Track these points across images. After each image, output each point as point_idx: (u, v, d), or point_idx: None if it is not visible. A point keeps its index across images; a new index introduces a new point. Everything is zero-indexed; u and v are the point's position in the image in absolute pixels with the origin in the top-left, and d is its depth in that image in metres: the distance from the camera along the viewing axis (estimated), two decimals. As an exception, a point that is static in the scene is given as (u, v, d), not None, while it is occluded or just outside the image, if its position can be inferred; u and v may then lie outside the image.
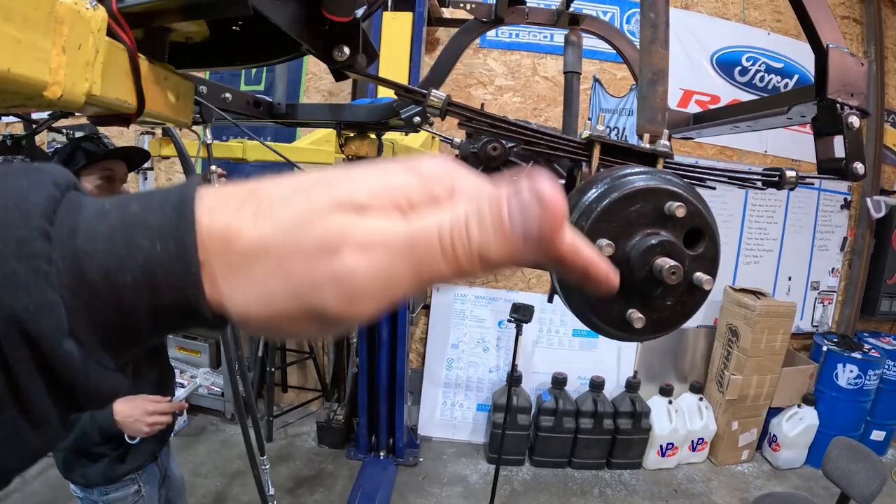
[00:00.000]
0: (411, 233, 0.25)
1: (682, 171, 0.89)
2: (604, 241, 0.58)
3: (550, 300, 0.75)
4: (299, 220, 0.25)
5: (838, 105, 0.94)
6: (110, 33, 0.64)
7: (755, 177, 1.02)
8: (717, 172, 0.97)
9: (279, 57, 0.89)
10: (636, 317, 0.60)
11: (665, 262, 0.57)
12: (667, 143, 0.83)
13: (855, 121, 0.93)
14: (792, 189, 1.04)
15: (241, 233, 0.25)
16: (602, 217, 0.60)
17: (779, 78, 4.04)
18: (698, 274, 0.64)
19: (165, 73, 0.78)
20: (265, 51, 0.88)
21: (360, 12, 0.74)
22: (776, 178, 1.02)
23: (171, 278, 0.25)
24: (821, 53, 0.93)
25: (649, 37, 0.95)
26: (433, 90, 0.74)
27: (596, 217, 0.60)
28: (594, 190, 0.63)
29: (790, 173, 1.01)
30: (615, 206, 0.60)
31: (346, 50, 0.73)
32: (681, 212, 0.61)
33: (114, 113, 0.71)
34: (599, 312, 0.62)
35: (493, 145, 1.09)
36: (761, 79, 4.01)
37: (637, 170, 0.68)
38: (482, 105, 1.62)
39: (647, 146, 0.83)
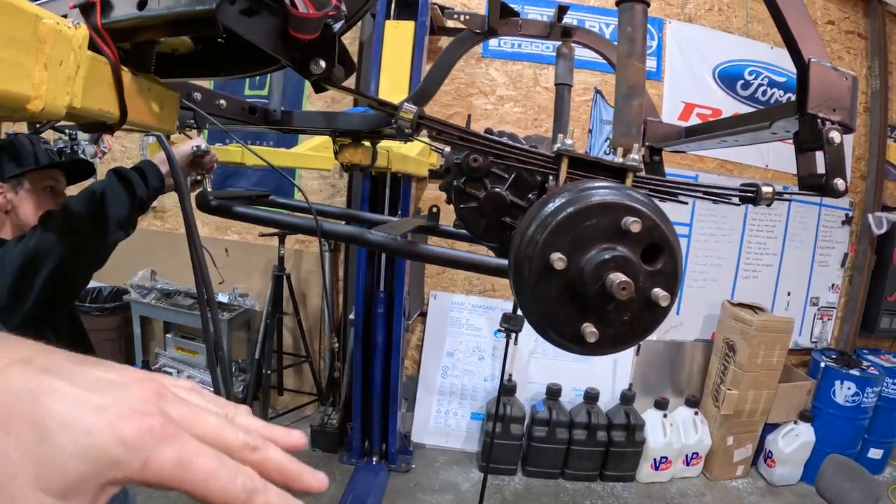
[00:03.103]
0: None
1: (654, 186, 0.90)
2: (556, 255, 0.59)
3: (514, 311, 0.77)
4: None
5: (819, 120, 0.93)
6: (95, 47, 0.67)
7: (731, 192, 1.03)
8: (692, 187, 0.98)
9: (264, 68, 0.91)
10: (589, 331, 0.61)
11: (616, 277, 0.59)
12: (637, 157, 0.84)
13: (836, 136, 0.92)
14: (769, 205, 1.05)
15: None
16: (557, 230, 0.61)
17: (781, 92, 4.04)
18: (656, 290, 0.64)
19: (150, 84, 0.81)
20: (251, 62, 0.91)
21: (336, 26, 0.77)
22: (752, 194, 1.03)
23: None
24: (802, 68, 0.92)
25: (626, 50, 0.96)
26: (405, 104, 0.77)
27: (551, 230, 0.61)
28: (552, 203, 0.64)
29: (766, 189, 1.02)
30: (571, 219, 0.62)
31: (322, 63, 0.75)
32: (636, 227, 0.62)
33: (97, 122, 0.74)
34: (555, 326, 0.63)
35: (473, 156, 1.10)
36: (763, 93, 4.02)
37: (599, 184, 0.69)
38: (469, 117, 1.64)
39: (618, 160, 0.84)
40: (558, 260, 0.59)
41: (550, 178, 0.77)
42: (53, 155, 1.46)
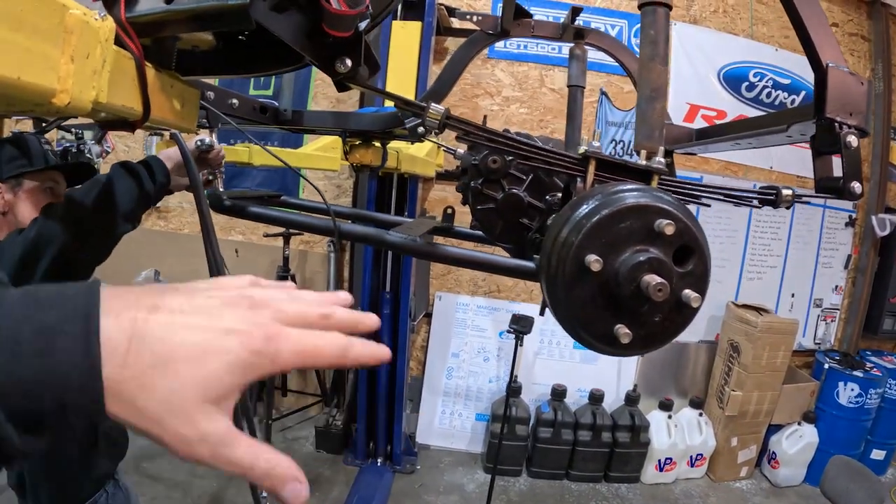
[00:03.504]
0: None
1: (678, 188, 0.90)
2: (592, 257, 0.59)
3: (542, 313, 0.76)
4: None
5: (837, 124, 0.93)
6: (119, 42, 0.66)
7: (752, 195, 1.03)
8: (714, 190, 0.97)
9: (284, 66, 0.91)
10: (623, 332, 0.60)
11: (652, 279, 0.58)
12: (662, 159, 0.84)
13: (853, 140, 0.92)
14: (788, 207, 1.05)
15: None
16: (592, 233, 0.61)
17: (786, 94, 4.04)
18: (687, 291, 0.64)
19: (172, 81, 0.80)
20: (271, 60, 0.90)
21: (362, 25, 0.76)
22: (773, 197, 1.02)
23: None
24: (820, 72, 0.92)
25: (649, 53, 0.95)
26: (432, 104, 0.76)
27: (586, 233, 0.61)
28: (585, 206, 0.64)
29: (786, 191, 1.01)
30: (605, 222, 0.61)
31: (349, 62, 0.75)
32: (669, 229, 0.61)
33: (119, 118, 0.73)
34: (587, 327, 0.63)
35: (492, 158, 1.10)
36: (768, 94, 4.02)
37: (629, 187, 0.69)
38: (485, 118, 1.64)
39: (643, 163, 0.84)
40: (595, 262, 0.58)
41: (578, 180, 0.76)
42: (55, 156, 1.44)
